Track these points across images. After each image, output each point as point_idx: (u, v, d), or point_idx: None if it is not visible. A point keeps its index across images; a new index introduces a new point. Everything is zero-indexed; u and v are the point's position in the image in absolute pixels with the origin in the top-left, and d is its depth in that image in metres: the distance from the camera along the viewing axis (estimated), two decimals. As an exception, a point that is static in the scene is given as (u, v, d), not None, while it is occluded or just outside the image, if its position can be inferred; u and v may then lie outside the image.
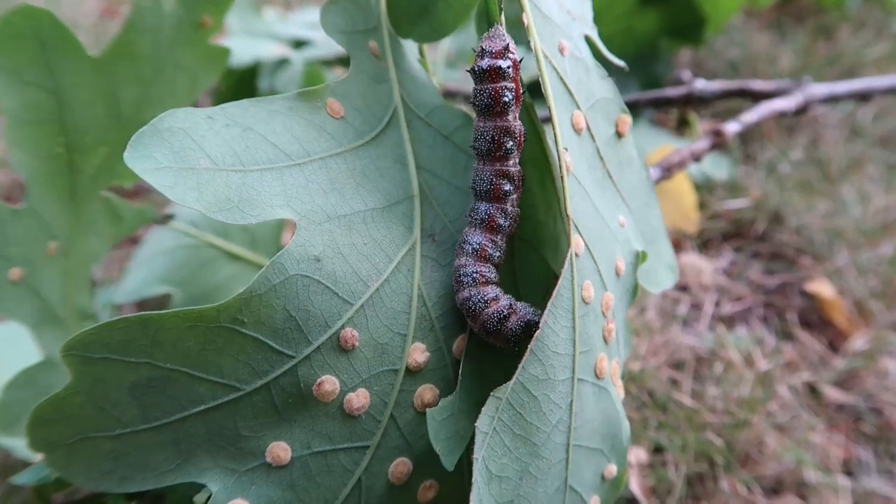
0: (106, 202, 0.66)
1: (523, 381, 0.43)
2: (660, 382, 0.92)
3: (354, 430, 0.44)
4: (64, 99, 0.58)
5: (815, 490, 0.82)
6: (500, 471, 0.42)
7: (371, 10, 0.56)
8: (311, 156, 0.46)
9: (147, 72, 0.64)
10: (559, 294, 0.44)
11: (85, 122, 0.61)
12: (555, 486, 0.46)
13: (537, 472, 0.44)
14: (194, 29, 0.66)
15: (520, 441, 0.43)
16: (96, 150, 0.62)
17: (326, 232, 0.44)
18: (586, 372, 0.47)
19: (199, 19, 0.65)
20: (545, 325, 0.43)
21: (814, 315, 1.06)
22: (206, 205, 0.40)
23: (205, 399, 0.41)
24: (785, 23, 1.73)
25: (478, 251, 0.47)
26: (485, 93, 0.47)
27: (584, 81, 0.53)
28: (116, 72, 0.62)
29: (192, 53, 0.66)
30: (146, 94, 0.65)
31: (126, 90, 0.63)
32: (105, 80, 0.61)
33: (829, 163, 1.31)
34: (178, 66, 0.66)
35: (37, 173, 0.60)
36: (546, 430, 0.45)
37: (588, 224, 0.49)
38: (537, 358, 0.43)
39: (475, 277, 0.46)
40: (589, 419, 0.48)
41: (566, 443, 0.46)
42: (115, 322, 0.38)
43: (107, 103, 0.62)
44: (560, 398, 0.45)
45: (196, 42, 0.66)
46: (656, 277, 0.58)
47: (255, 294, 0.41)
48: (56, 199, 0.61)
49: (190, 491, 0.50)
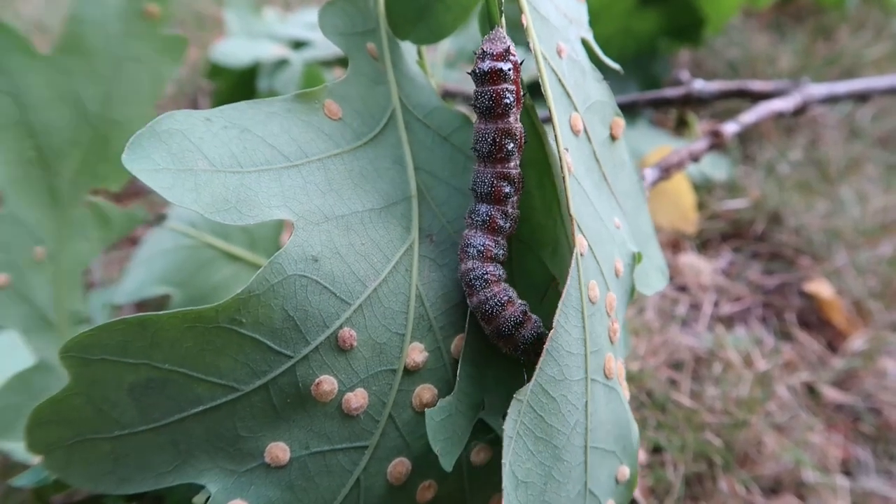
0: (92, 206, 0.66)
1: (542, 382, 0.43)
2: (658, 382, 0.92)
3: (353, 430, 0.44)
4: (23, 100, 0.59)
5: (814, 490, 0.82)
6: (525, 476, 0.42)
7: (369, 12, 0.56)
8: (309, 157, 0.46)
9: (104, 68, 0.64)
10: (569, 294, 0.44)
11: (51, 123, 0.61)
12: (576, 490, 0.46)
13: (560, 476, 0.44)
14: (142, 19, 0.65)
15: (542, 444, 0.43)
16: (70, 152, 0.63)
17: (324, 232, 0.44)
18: (597, 372, 0.47)
19: (143, 8, 0.65)
20: (558, 324, 0.43)
21: (812, 315, 1.06)
22: (204, 206, 0.40)
23: (203, 400, 0.41)
24: (784, 23, 1.73)
25: (483, 252, 0.47)
26: (486, 95, 0.47)
27: (581, 84, 0.53)
28: (72, 69, 0.62)
29: (148, 46, 0.66)
30: (109, 90, 0.64)
31: (87, 88, 0.63)
32: (62, 78, 0.61)
33: (828, 163, 1.31)
34: (136, 60, 0.66)
35: (12, 179, 0.60)
36: (566, 433, 0.45)
37: (589, 224, 0.49)
38: (553, 358, 0.43)
39: (487, 278, 0.46)
40: (603, 420, 0.48)
41: (584, 445, 0.46)
42: (114, 323, 0.39)
43: (69, 102, 0.62)
44: (576, 399, 0.45)
45: (148, 33, 0.66)
46: (647, 280, 0.59)
47: (254, 294, 0.41)
48: (36, 203, 0.61)
49: (189, 492, 0.50)
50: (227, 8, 1.36)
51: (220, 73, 1.25)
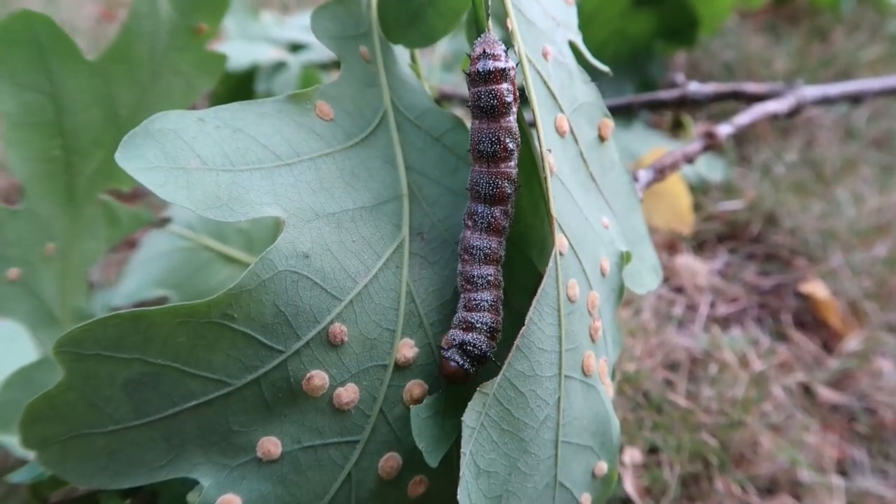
0: (103, 205, 0.67)
1: (510, 377, 0.44)
2: (655, 383, 0.92)
3: (344, 424, 0.45)
4: (61, 102, 0.59)
5: (810, 490, 0.82)
6: (488, 466, 0.43)
7: (362, 15, 0.57)
8: (301, 156, 0.47)
9: (144, 76, 0.65)
10: (544, 292, 0.45)
11: (82, 124, 0.61)
12: (544, 481, 0.46)
13: (526, 468, 0.45)
14: (190, 35, 0.67)
15: (508, 436, 0.44)
16: (93, 152, 0.63)
17: (315, 229, 0.45)
18: (573, 369, 0.48)
19: (195, 25, 0.66)
20: (530, 321, 0.44)
21: (808, 316, 1.06)
22: (196, 203, 0.41)
23: (196, 394, 0.41)
24: (780, 25, 1.74)
25: (489, 255, 0.47)
26: (488, 94, 0.47)
27: (568, 86, 0.53)
28: (113, 76, 0.63)
29: (189, 59, 0.67)
30: (143, 98, 0.65)
31: (123, 94, 0.64)
32: (102, 84, 0.62)
33: (823, 164, 1.32)
34: (175, 72, 0.67)
35: (34, 175, 0.60)
36: (534, 426, 0.45)
37: (572, 224, 0.49)
38: (523, 354, 0.44)
39: (490, 280, 0.47)
40: (578, 416, 0.48)
41: (555, 439, 0.47)
42: (107, 318, 0.39)
43: (104, 106, 0.63)
44: (547, 394, 0.46)
45: (192, 48, 0.67)
46: (640, 279, 0.59)
47: (245, 290, 0.41)
48: (54, 200, 0.62)
49: (183, 488, 0.50)
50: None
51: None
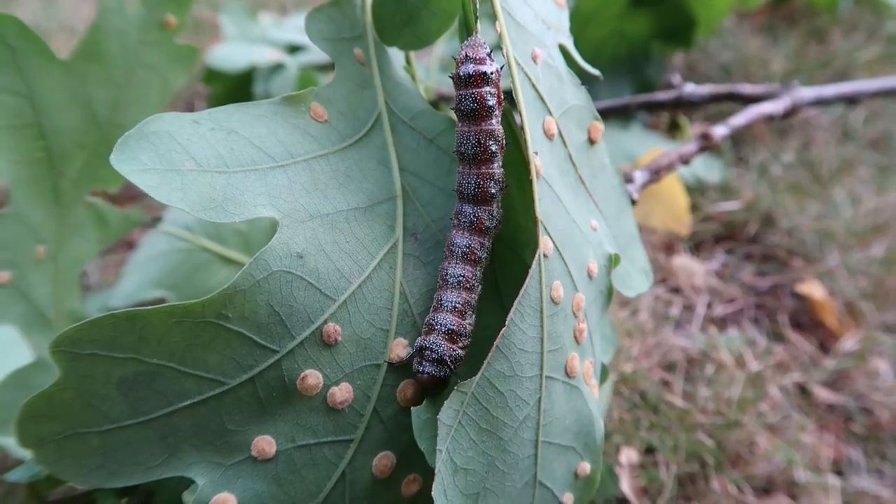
0: (91, 207, 0.67)
1: (489, 376, 0.44)
2: (651, 383, 0.93)
3: (338, 423, 0.45)
4: (38, 103, 0.59)
5: (806, 490, 0.82)
6: (465, 463, 0.43)
7: (356, 18, 0.57)
8: (295, 158, 0.47)
9: (118, 74, 0.65)
10: (526, 293, 0.45)
11: (62, 125, 0.62)
12: (523, 480, 0.47)
13: (504, 467, 0.45)
14: (159, 29, 0.67)
15: (486, 435, 0.44)
16: (76, 153, 0.63)
17: (309, 230, 0.45)
18: (556, 370, 0.48)
19: (163, 19, 0.67)
20: (511, 322, 0.44)
21: (805, 316, 1.06)
22: (191, 204, 0.41)
23: (191, 394, 0.42)
24: (777, 26, 1.74)
25: (467, 254, 0.48)
26: (469, 98, 0.48)
27: (557, 89, 0.54)
28: (87, 74, 0.63)
29: (161, 54, 0.67)
30: (120, 96, 0.66)
31: (99, 93, 0.64)
32: (77, 83, 0.62)
33: (820, 165, 1.32)
34: (148, 67, 0.67)
35: (19, 178, 0.61)
36: (513, 426, 0.45)
37: (558, 226, 0.49)
38: (503, 354, 0.44)
39: (461, 281, 0.47)
40: (559, 416, 0.49)
41: (535, 439, 0.47)
42: (103, 318, 0.39)
43: (82, 107, 0.63)
44: (527, 395, 0.46)
45: (163, 42, 0.67)
46: (630, 281, 0.59)
47: (239, 289, 0.42)
48: (41, 203, 0.62)
49: (179, 487, 0.50)
50: (223, 13, 1.38)
51: (216, 77, 1.26)
